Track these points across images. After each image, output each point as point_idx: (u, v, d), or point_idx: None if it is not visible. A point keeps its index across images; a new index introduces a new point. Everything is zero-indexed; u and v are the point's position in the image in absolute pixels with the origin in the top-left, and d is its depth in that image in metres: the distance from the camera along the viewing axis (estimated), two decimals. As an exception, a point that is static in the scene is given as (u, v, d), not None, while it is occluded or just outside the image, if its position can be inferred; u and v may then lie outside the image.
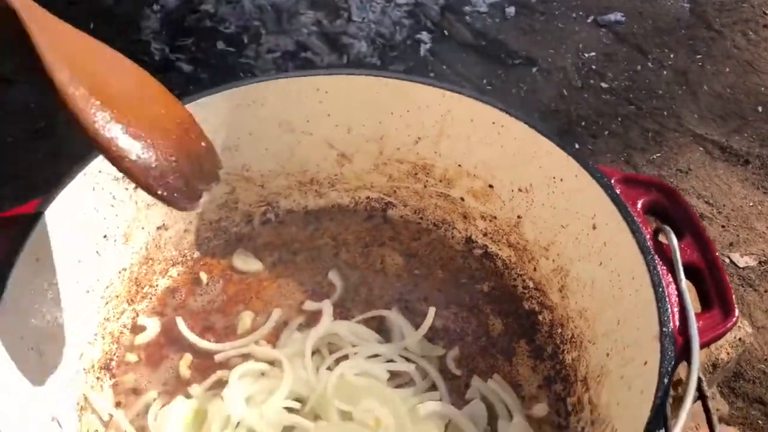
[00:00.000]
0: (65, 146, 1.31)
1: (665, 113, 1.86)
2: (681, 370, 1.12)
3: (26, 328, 0.83)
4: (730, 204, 1.73)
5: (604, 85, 2.09)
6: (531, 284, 1.08)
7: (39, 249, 0.86)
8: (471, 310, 1.06)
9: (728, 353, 1.14)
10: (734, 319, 0.80)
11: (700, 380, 0.80)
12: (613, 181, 0.92)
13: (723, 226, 1.69)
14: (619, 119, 2.05)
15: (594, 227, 0.93)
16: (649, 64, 2.00)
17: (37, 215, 0.86)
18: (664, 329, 0.78)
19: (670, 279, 0.83)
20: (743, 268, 1.64)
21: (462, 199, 1.10)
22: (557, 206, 0.99)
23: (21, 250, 0.83)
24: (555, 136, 0.96)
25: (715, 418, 0.97)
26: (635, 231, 0.86)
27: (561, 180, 0.97)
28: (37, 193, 0.88)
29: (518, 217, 1.05)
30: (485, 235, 1.12)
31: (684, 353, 0.77)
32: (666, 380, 0.74)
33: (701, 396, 0.98)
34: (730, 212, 1.70)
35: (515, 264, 1.09)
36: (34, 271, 0.85)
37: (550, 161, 0.97)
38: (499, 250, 1.11)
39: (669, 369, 0.75)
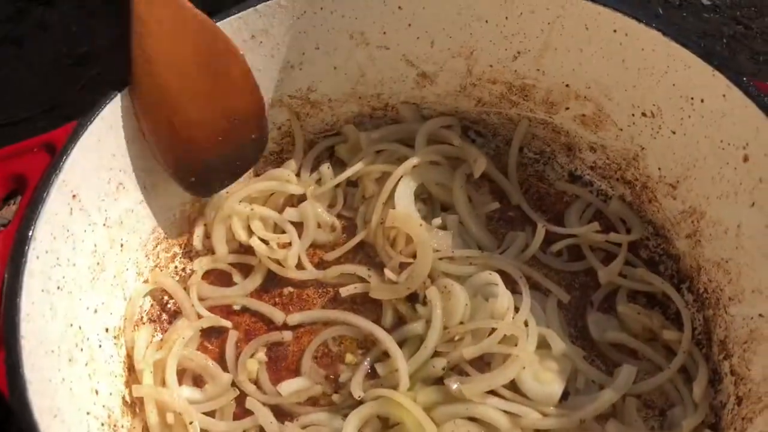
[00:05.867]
0: (109, 73, 1.18)
1: (780, 33, 1.62)
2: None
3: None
4: None
5: (705, 1, 1.82)
6: (650, 228, 0.91)
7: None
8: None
9: None
10: None
11: None
12: (775, 101, 0.73)
13: None
14: (725, 41, 1.78)
15: (745, 159, 0.75)
16: (758, -24, 1.75)
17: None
18: None
19: None
20: None
21: (566, 126, 0.93)
22: (693, 134, 0.81)
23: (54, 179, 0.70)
24: (697, 46, 0.77)
25: None
26: (809, 163, 0.68)
27: (701, 101, 0.78)
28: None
29: (640, 147, 0.87)
30: (593, 169, 0.94)
31: None
32: None
33: None
34: None
35: (631, 204, 0.92)
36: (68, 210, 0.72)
37: (688, 78, 0.78)
38: (611, 187, 0.94)
39: None
